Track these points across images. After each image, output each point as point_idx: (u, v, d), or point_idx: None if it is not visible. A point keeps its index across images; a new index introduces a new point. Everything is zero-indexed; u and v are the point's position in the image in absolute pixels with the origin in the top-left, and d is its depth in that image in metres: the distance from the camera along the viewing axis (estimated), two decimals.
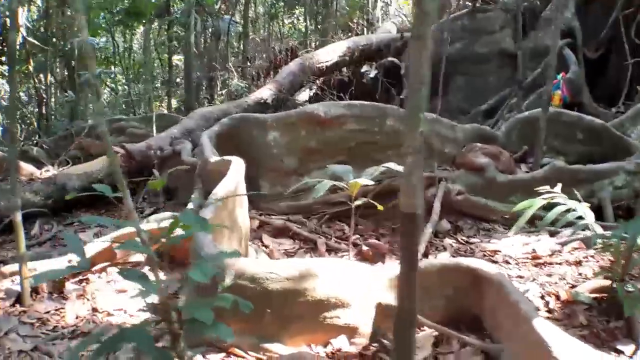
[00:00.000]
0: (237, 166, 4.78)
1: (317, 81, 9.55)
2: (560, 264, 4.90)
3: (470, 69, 9.31)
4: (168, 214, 5.36)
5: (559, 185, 4.49)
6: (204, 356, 3.48)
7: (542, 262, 4.98)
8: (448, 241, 5.72)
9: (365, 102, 6.34)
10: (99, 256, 5.08)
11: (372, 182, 4.70)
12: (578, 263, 4.85)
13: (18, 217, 4.35)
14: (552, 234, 5.57)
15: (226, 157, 5.11)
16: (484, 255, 5.26)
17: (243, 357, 3.45)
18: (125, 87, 14.05)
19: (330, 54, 9.63)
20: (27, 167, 7.59)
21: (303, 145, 6.13)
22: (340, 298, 3.44)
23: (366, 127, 6.21)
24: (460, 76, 9.42)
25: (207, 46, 12.37)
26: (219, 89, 12.11)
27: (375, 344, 3.50)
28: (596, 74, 8.64)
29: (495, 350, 3.31)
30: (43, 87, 12.35)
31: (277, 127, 6.14)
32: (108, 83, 15.44)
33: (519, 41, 8.56)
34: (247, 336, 3.39)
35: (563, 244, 5.25)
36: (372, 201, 4.77)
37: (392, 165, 4.65)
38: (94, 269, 5.09)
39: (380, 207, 4.76)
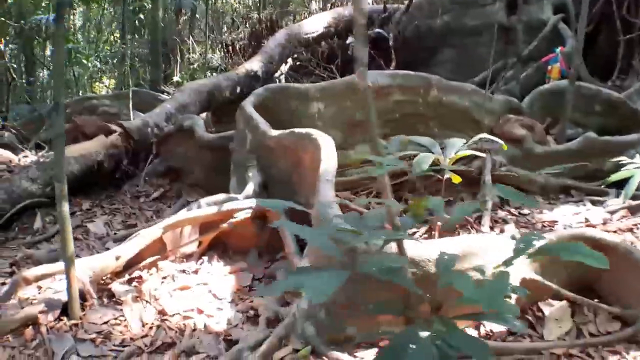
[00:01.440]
0: (328, 142, 4.02)
1: (304, 52, 8.77)
2: (615, 231, 4.60)
3: (460, 41, 8.84)
4: (222, 196, 4.49)
5: None
6: (352, 354, 3.12)
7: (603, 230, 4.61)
8: (502, 213, 5.28)
9: (410, 72, 5.77)
10: (147, 250, 4.18)
11: (471, 152, 4.44)
12: (630, 230, 4.62)
13: (65, 208, 3.39)
14: (594, 203, 5.39)
15: (298, 130, 4.33)
16: (544, 226, 4.94)
17: None
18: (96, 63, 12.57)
19: (315, 24, 8.89)
20: (3, 153, 6.42)
21: (349, 117, 5.41)
22: None
23: (411, 98, 5.61)
24: (448, 49, 8.95)
25: (168, 21, 11.19)
26: (178, 64, 11.07)
27: None
28: (587, 49, 8.36)
29: (632, 315, 3.24)
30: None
31: (321, 98, 5.40)
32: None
33: (519, 13, 8.15)
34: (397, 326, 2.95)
35: (612, 212, 5.07)
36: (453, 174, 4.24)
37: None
38: (142, 264, 4.17)
39: (457, 179, 4.34)
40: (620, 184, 5.76)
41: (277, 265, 4.31)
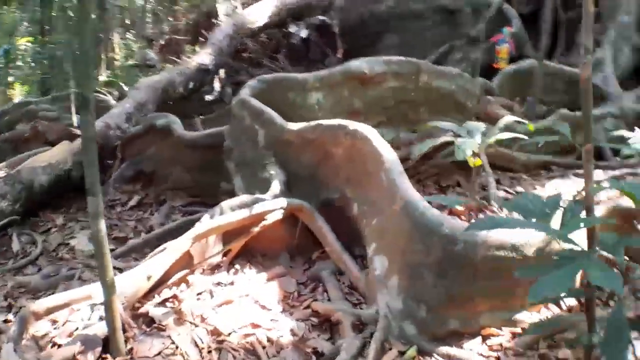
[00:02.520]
0: (373, 132, 3.68)
1: (249, 43, 8.25)
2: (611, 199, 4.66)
3: (404, 26, 8.62)
4: (246, 197, 4.00)
5: None
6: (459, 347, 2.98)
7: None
8: (500, 193, 5.15)
9: (402, 58, 5.44)
10: (175, 264, 3.65)
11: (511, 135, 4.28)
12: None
13: (102, 227, 2.84)
14: (577, 176, 5.36)
15: (327, 122, 3.95)
16: None
17: (498, 335, 3.05)
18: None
19: (259, 14, 8.36)
20: None
21: (348, 107, 5.07)
22: None
23: (403, 84, 5.33)
24: (392, 34, 8.69)
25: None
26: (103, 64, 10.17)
27: None
28: (529, 28, 8.44)
29: None
30: None
31: (320, 88, 5.00)
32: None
33: None
34: (498, 312, 3.04)
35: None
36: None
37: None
38: (170, 281, 3.64)
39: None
40: (601, 158, 5.98)
41: (320, 265, 3.92)
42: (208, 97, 8.55)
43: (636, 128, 5.16)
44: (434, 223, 2.96)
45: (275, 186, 4.07)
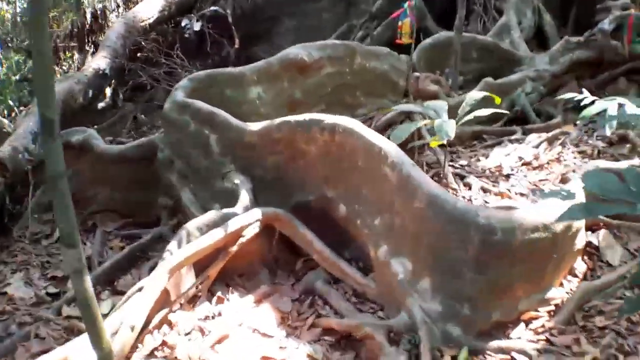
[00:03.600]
0: (356, 123, 3.32)
1: (144, 42, 7.43)
2: (547, 163, 4.79)
3: (300, 9, 8.23)
4: (212, 214, 3.44)
5: None
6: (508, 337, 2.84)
7: (538, 165, 4.80)
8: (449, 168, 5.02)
9: (337, 41, 5.19)
10: (155, 306, 3.06)
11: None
12: (557, 160, 4.79)
13: (86, 283, 2.31)
14: (512, 142, 5.42)
15: (297, 118, 3.51)
16: (491, 172, 4.81)
17: (538, 317, 2.94)
18: None
19: (149, 9, 7.53)
20: None
21: (289, 98, 4.63)
22: None
23: (339, 69, 5.00)
24: (288, 18, 8.28)
25: None
26: None
27: None
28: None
29: None
30: None
31: (259, 81, 4.50)
32: None
33: None
34: (533, 294, 2.93)
35: (536, 147, 5.14)
36: None
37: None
38: (151, 325, 3.05)
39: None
40: (525, 121, 5.97)
41: (310, 277, 3.48)
42: (100, 105, 7.73)
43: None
44: (470, 215, 2.66)
45: (244, 197, 3.55)
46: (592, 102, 3.45)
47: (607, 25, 6.71)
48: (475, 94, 4.19)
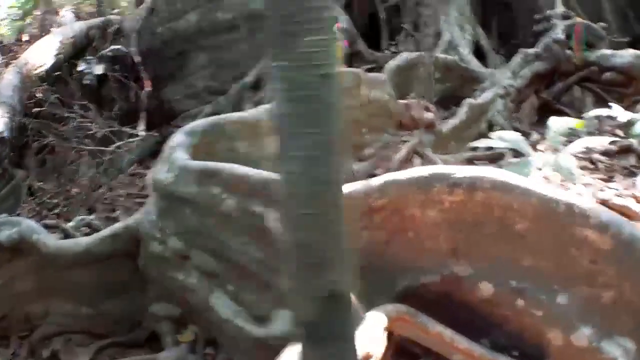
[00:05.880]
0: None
1: (39, 93, 5.66)
2: None
3: (214, 41, 6.83)
4: None
5: None
6: None
7: None
8: None
9: (345, 68, 4.06)
10: None
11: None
12: None
13: None
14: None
15: (412, 174, 2.41)
16: None
17: None
18: None
19: (43, 54, 5.77)
20: None
21: None
22: None
23: (347, 103, 3.86)
24: (201, 52, 6.85)
25: None
26: None
27: None
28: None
29: None
30: None
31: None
32: None
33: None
34: None
35: None
36: None
37: None
38: None
39: None
40: None
41: None
42: None
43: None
44: None
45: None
46: None
47: (561, 34, 6.36)
48: (560, 123, 3.30)
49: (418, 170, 2.44)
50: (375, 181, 2.44)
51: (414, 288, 2.48)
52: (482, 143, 4.14)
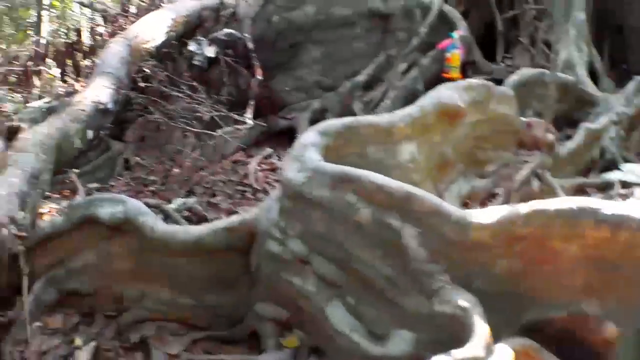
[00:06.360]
0: None
1: (147, 68, 5.67)
2: None
3: (329, 36, 6.71)
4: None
5: None
6: None
7: None
8: None
9: (477, 81, 3.91)
10: None
11: None
12: None
13: None
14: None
15: (559, 206, 2.23)
16: None
17: None
18: None
19: (155, 29, 5.71)
20: None
21: (440, 157, 3.27)
22: None
23: (479, 117, 3.69)
24: (314, 46, 6.74)
25: None
26: None
27: None
28: None
29: None
30: None
31: (412, 135, 3.04)
32: None
33: None
34: None
35: None
36: None
37: None
38: None
39: None
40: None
41: None
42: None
43: None
44: None
45: (482, 329, 2.07)
46: None
47: None
48: None
49: (565, 202, 2.24)
50: (522, 209, 2.22)
51: (534, 323, 2.30)
52: (613, 175, 3.85)
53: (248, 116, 5.67)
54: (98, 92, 4.95)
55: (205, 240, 3.00)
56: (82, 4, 12.77)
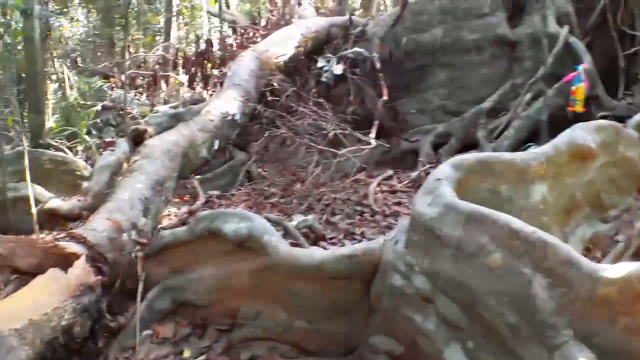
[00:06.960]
0: None
1: (275, 82, 5.85)
2: None
3: (456, 60, 6.60)
4: None
5: None
6: None
7: None
8: None
9: (605, 122, 3.58)
10: None
11: None
12: None
13: None
14: None
15: None
16: None
17: None
18: None
19: (284, 44, 6.00)
20: None
21: (570, 199, 3.08)
22: None
23: (608, 159, 3.42)
24: (441, 69, 6.65)
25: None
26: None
27: None
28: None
29: None
30: None
31: (545, 175, 2.89)
32: None
33: (523, 25, 6.31)
34: None
35: None
36: None
37: None
38: None
39: None
40: None
41: None
42: None
43: None
44: None
45: None
46: None
47: None
48: None
49: None
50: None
51: None
52: None
53: (372, 136, 5.63)
54: (227, 103, 5.10)
55: (327, 266, 2.95)
56: (210, 12, 13.32)
